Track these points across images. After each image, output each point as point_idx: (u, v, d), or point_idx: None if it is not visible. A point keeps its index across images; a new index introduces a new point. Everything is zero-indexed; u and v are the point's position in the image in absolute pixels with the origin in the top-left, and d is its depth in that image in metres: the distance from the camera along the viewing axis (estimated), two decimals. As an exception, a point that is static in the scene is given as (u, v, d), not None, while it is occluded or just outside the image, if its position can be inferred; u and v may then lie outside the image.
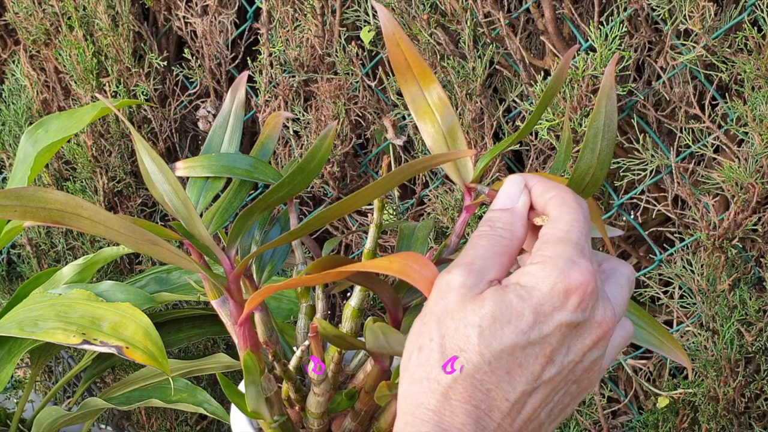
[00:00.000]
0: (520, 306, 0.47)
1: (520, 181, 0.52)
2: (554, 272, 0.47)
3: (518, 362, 0.47)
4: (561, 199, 0.50)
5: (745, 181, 0.94)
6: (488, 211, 0.52)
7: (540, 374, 0.47)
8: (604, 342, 0.49)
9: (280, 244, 0.67)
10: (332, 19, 1.18)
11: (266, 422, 0.70)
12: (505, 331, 0.46)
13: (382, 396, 0.64)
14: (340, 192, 1.28)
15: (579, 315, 0.47)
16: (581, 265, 0.47)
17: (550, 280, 0.47)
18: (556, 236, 0.49)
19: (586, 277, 0.47)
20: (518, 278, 0.48)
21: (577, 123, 0.99)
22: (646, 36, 0.99)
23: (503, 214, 0.51)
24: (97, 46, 1.43)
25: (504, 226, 0.51)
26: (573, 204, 0.50)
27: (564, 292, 0.47)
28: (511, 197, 0.52)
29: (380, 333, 0.58)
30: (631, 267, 0.53)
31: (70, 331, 1.00)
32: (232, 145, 0.77)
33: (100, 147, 1.48)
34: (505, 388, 0.47)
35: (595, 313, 0.48)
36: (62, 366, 1.76)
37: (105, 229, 0.57)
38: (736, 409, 1.04)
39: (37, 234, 1.62)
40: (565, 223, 0.49)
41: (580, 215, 0.49)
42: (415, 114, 0.64)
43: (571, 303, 0.47)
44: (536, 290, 0.47)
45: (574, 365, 0.48)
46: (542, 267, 0.47)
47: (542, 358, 0.47)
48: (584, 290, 0.47)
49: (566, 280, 0.47)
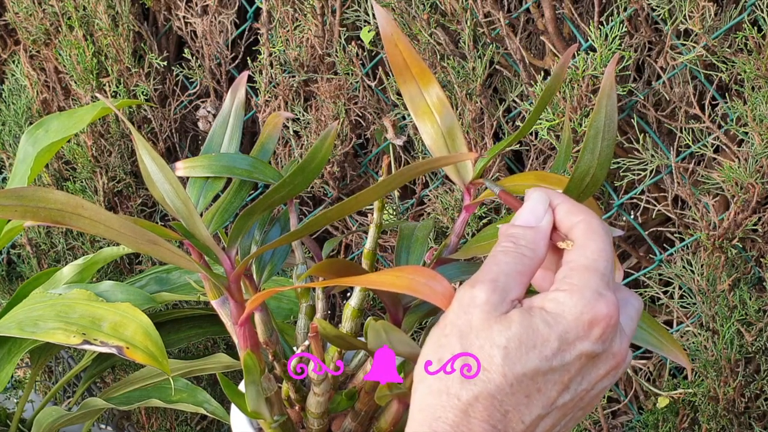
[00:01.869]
0: (547, 332, 0.47)
1: (545, 199, 0.52)
2: (581, 302, 0.47)
3: (537, 387, 0.47)
4: (588, 224, 0.50)
5: (745, 181, 0.94)
6: (511, 225, 0.51)
7: (555, 400, 0.48)
8: (615, 372, 0.49)
9: (281, 244, 0.67)
10: (332, 19, 1.18)
11: (266, 422, 0.70)
12: (530, 356, 0.47)
13: (382, 396, 0.64)
14: (340, 192, 1.28)
15: (599, 346, 0.48)
16: (607, 298, 0.47)
17: (577, 310, 0.47)
18: (583, 264, 0.48)
19: (611, 310, 0.47)
20: (543, 303, 0.48)
21: (577, 123, 0.99)
22: (646, 36, 0.99)
23: (527, 232, 0.51)
24: (97, 46, 1.43)
25: (527, 244, 0.50)
26: (601, 232, 0.50)
27: (589, 324, 0.47)
28: (536, 214, 0.51)
29: (382, 331, 0.58)
30: (641, 299, 0.53)
31: (70, 331, 1.00)
32: (232, 145, 0.77)
33: (100, 147, 1.48)
34: (523, 411, 0.47)
35: (612, 345, 0.48)
36: (62, 366, 1.76)
37: (105, 229, 0.57)
38: (736, 409, 1.04)
39: (37, 234, 1.62)
40: (593, 252, 0.49)
41: (607, 245, 0.49)
42: (414, 114, 0.64)
43: (594, 334, 0.47)
44: (562, 318, 0.47)
45: (586, 393, 0.49)
46: (570, 296, 0.47)
47: (560, 385, 0.48)
48: (608, 323, 0.47)
49: (592, 312, 0.47)
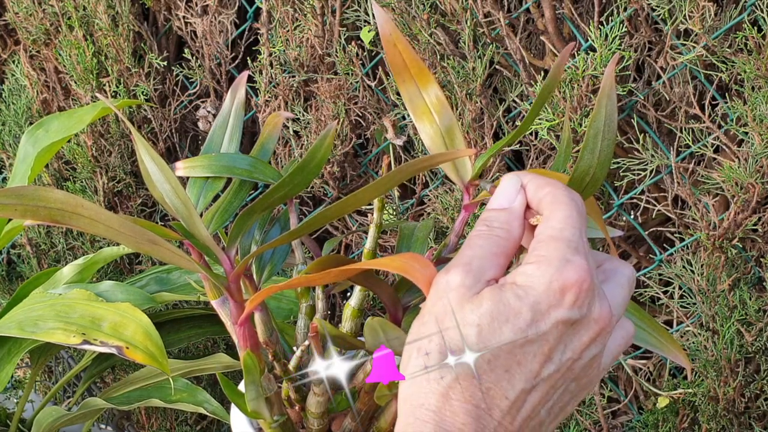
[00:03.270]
0: (518, 304, 0.47)
1: (516, 180, 0.52)
2: (549, 271, 0.47)
3: (517, 360, 0.47)
4: (553, 196, 0.50)
5: (745, 181, 0.94)
6: (485, 211, 0.52)
7: (539, 372, 0.47)
8: (602, 338, 0.49)
9: (280, 243, 0.67)
10: (332, 19, 1.18)
11: (266, 422, 0.70)
12: (503, 330, 0.47)
13: (382, 396, 0.64)
14: (340, 192, 1.28)
15: (576, 312, 0.47)
16: (576, 263, 0.47)
17: (546, 279, 0.47)
18: (549, 235, 0.49)
19: (581, 274, 0.47)
20: (514, 278, 0.48)
21: (577, 123, 0.99)
22: (646, 36, 0.99)
23: (500, 214, 0.51)
24: (97, 46, 1.43)
25: (501, 225, 0.51)
26: (565, 200, 0.50)
27: (560, 290, 0.47)
28: (507, 196, 0.52)
29: (379, 329, 0.58)
30: (632, 268, 0.53)
31: (70, 331, 1.00)
32: (232, 145, 0.77)
33: (100, 147, 1.48)
34: (505, 386, 0.47)
35: (591, 310, 0.48)
36: (62, 366, 1.76)
37: (105, 229, 0.57)
38: (736, 409, 1.04)
39: (37, 234, 1.62)
40: (558, 221, 0.49)
41: (573, 211, 0.49)
42: (414, 114, 0.64)
43: (567, 300, 0.47)
44: (533, 289, 0.47)
45: (573, 362, 0.48)
46: (537, 266, 0.48)
47: (540, 356, 0.47)
48: (580, 287, 0.47)
49: (561, 278, 0.47)
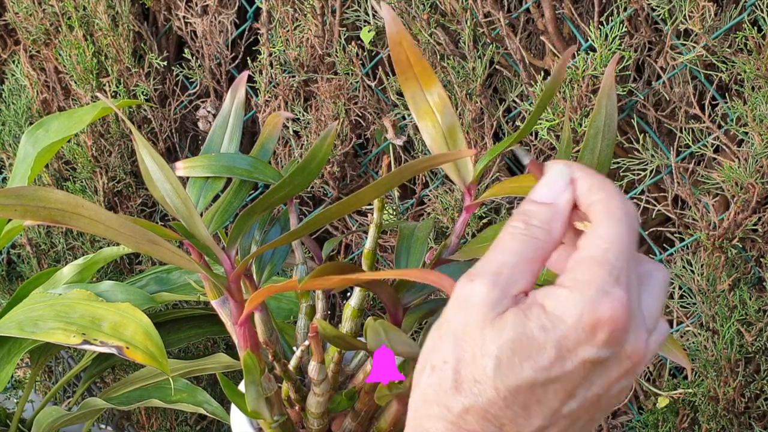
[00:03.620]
0: (543, 338, 0.42)
1: (566, 172, 0.46)
2: (582, 302, 0.42)
3: (536, 398, 0.43)
4: (606, 206, 0.44)
5: (745, 181, 0.94)
6: (525, 201, 0.46)
7: (559, 409, 0.43)
8: (632, 374, 0.44)
9: (280, 244, 0.67)
10: (332, 19, 1.18)
11: (266, 422, 0.70)
12: (524, 366, 0.42)
13: (382, 396, 0.64)
14: (340, 192, 1.28)
15: (606, 351, 0.42)
16: (614, 296, 0.41)
17: (577, 311, 0.42)
18: (590, 255, 0.43)
19: (617, 311, 0.41)
20: (544, 300, 0.43)
21: (577, 123, 0.99)
22: (646, 36, 0.99)
23: (542, 210, 0.45)
24: (97, 46, 1.43)
25: (541, 224, 0.44)
26: (619, 215, 0.43)
27: (591, 327, 0.42)
28: (554, 190, 0.45)
29: (381, 331, 0.58)
30: (665, 269, 0.47)
31: (70, 331, 1.00)
32: (232, 145, 0.77)
33: (100, 147, 1.48)
34: (521, 423, 0.43)
35: (624, 347, 0.43)
36: (62, 366, 1.76)
37: (105, 229, 0.57)
38: (736, 409, 1.04)
39: (37, 234, 1.62)
40: (604, 239, 0.43)
41: (623, 231, 0.43)
42: (416, 113, 0.64)
43: (599, 339, 0.42)
44: (561, 321, 0.42)
45: (598, 398, 0.44)
46: (570, 293, 0.42)
47: (562, 393, 0.43)
48: (614, 326, 0.42)
49: (595, 314, 0.41)
